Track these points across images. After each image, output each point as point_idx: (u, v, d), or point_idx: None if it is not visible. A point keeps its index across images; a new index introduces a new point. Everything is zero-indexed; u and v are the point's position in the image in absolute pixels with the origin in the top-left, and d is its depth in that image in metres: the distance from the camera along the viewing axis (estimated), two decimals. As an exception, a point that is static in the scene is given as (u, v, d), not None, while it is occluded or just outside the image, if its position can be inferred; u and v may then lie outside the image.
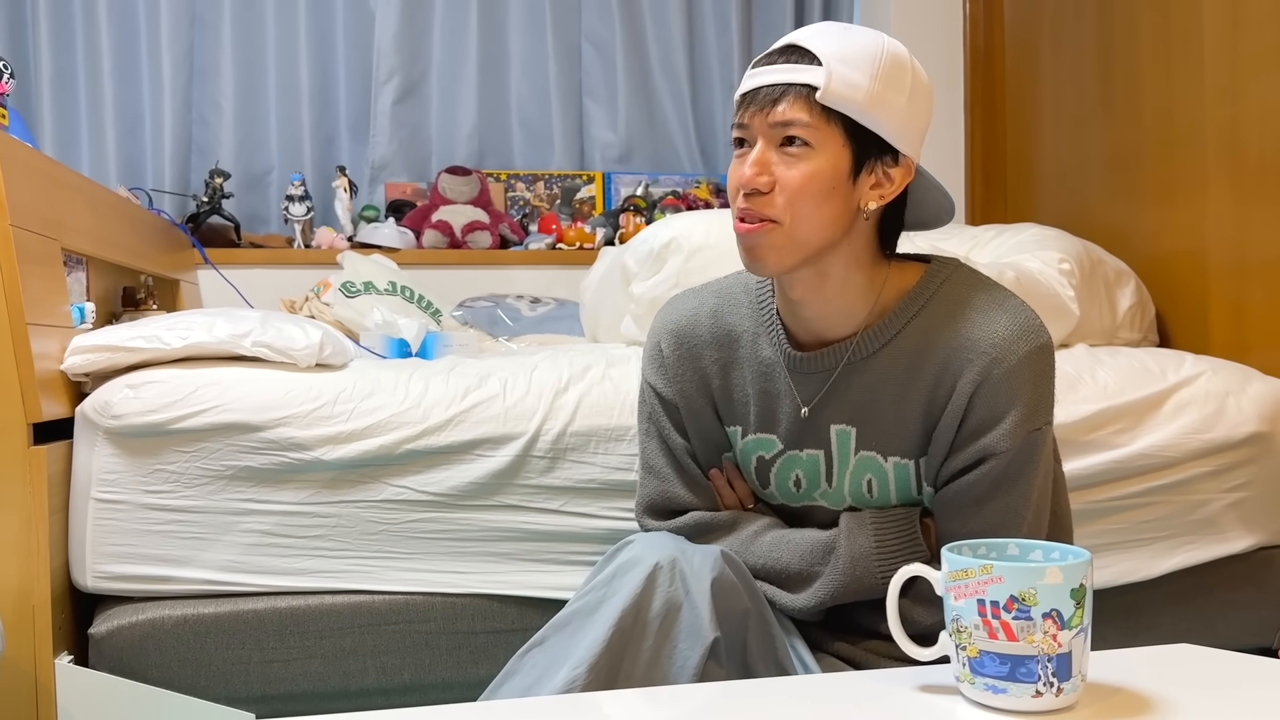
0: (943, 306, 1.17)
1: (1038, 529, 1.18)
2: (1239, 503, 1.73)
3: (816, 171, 1.11)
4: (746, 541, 1.24)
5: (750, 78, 1.15)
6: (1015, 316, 1.14)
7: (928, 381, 1.16)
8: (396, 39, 3.10)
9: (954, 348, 1.14)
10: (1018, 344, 1.12)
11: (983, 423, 1.13)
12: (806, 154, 1.11)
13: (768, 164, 1.12)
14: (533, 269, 2.99)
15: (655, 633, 1.09)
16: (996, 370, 1.12)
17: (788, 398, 1.22)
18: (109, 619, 1.51)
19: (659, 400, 1.29)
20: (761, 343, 1.24)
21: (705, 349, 1.27)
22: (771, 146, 1.12)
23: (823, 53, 1.11)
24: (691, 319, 1.28)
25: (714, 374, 1.27)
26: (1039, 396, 1.14)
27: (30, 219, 1.53)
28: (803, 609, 1.21)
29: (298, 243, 2.93)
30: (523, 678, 1.12)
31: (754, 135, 1.13)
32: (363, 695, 1.56)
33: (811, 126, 1.10)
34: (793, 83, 1.11)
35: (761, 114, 1.12)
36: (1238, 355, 1.94)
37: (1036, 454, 1.15)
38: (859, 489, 1.22)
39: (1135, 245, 2.31)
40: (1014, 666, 0.88)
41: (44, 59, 2.93)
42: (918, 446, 1.19)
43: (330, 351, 1.64)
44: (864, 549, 1.18)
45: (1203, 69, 2.14)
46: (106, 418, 1.50)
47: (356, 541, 1.55)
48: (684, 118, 3.29)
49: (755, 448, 1.26)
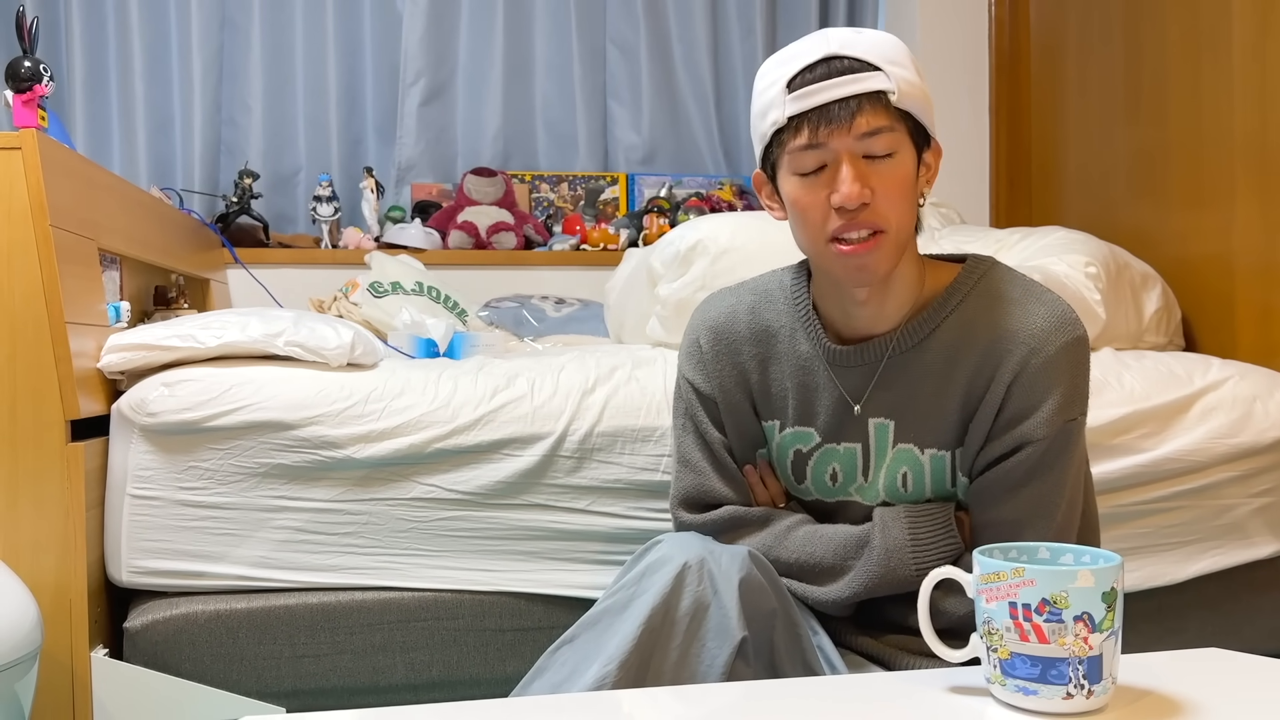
0: (980, 301, 1.19)
1: (1071, 521, 1.19)
2: (1266, 508, 1.73)
3: (906, 174, 1.14)
4: (779, 536, 1.24)
5: (805, 96, 1.11)
6: (1052, 309, 1.16)
7: (966, 372, 1.18)
8: (423, 41, 3.11)
9: (993, 339, 1.16)
10: (1055, 335, 1.15)
11: (1020, 411, 1.15)
12: (892, 160, 1.13)
13: (866, 177, 1.11)
14: (557, 270, 3.00)
15: (684, 631, 1.10)
16: (1035, 360, 1.14)
17: (828, 391, 1.24)
18: (143, 613, 1.53)
19: (697, 395, 1.30)
20: (799, 338, 1.26)
21: (743, 344, 1.28)
22: (857, 159, 1.11)
23: (873, 58, 1.11)
24: (729, 315, 1.29)
25: (752, 369, 1.28)
26: (1075, 387, 1.15)
27: (69, 220, 1.55)
28: (835, 602, 1.21)
29: (325, 243, 2.95)
30: (553, 674, 1.13)
31: (834, 154, 1.12)
32: (391, 691, 1.57)
33: (891, 131, 1.12)
34: (864, 92, 1.10)
35: (842, 129, 1.10)
36: (1265, 360, 1.93)
37: (1071, 444, 1.16)
38: (894, 483, 1.23)
39: (1161, 249, 2.30)
40: (1045, 669, 0.88)
41: (76, 60, 2.97)
42: (955, 438, 1.20)
43: (361, 351, 1.66)
44: (899, 541, 1.18)
45: (1231, 72, 2.13)
46: (142, 415, 1.52)
47: (386, 539, 1.57)
48: (708, 119, 3.29)
49: (793, 441, 1.27)
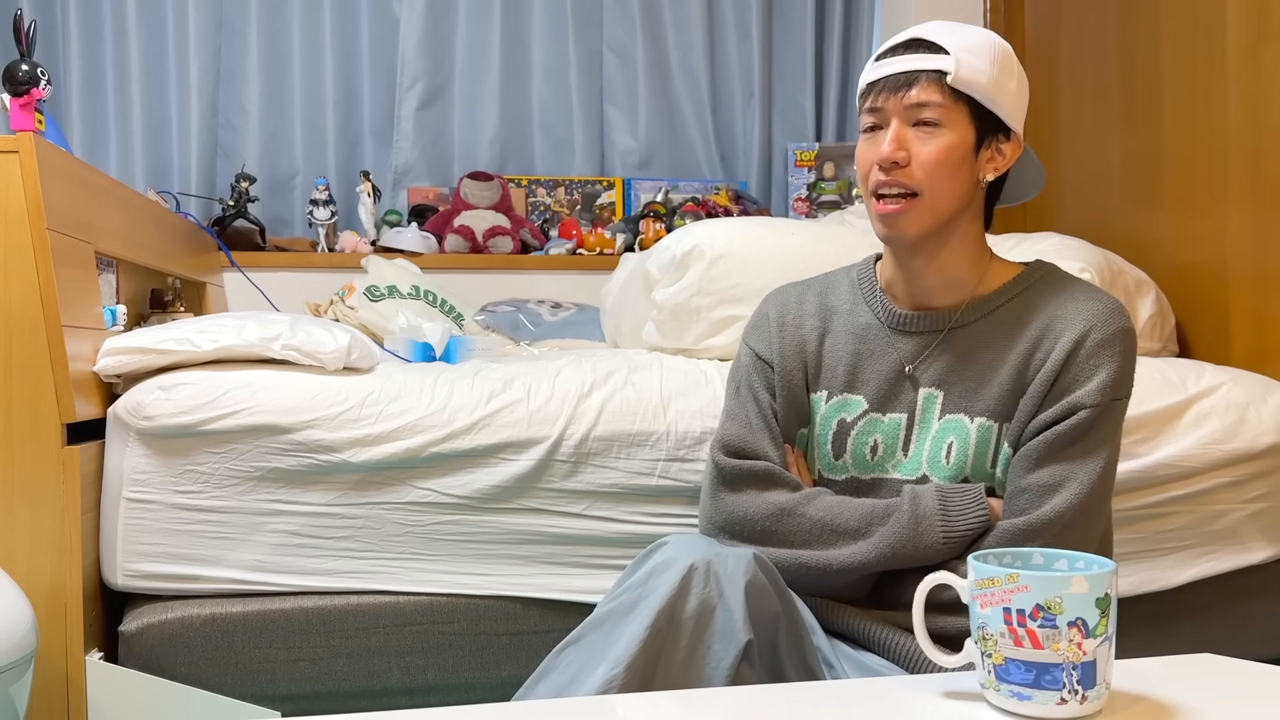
0: (1043, 289, 1.30)
1: (1103, 499, 1.25)
2: (1259, 513, 1.74)
3: (951, 146, 1.25)
4: (809, 497, 1.29)
5: (879, 67, 1.27)
6: (1111, 302, 1.28)
7: (1027, 344, 1.27)
8: (420, 46, 3.12)
9: (1055, 316, 1.27)
10: (1113, 319, 1.26)
11: (1075, 379, 1.24)
12: (938, 131, 1.25)
13: (905, 140, 1.25)
14: (553, 274, 3.00)
15: (690, 634, 1.10)
16: (1094, 335, 1.24)
17: (883, 357, 1.33)
18: (139, 617, 1.53)
19: (755, 359, 1.39)
20: (860, 311, 1.36)
21: (807, 319, 1.39)
22: (906, 125, 1.25)
23: (949, 44, 1.25)
24: (798, 297, 1.42)
25: (812, 340, 1.38)
26: (1125, 370, 1.25)
27: (65, 223, 1.56)
28: (859, 564, 1.24)
29: (322, 246, 2.95)
30: (558, 676, 1.13)
31: (887, 117, 1.26)
32: (387, 695, 1.58)
33: (943, 106, 1.24)
34: (924, 69, 1.25)
35: (896, 96, 1.25)
36: (1258, 366, 1.94)
37: (1115, 423, 1.25)
38: (938, 454, 1.29)
39: (1155, 255, 2.31)
40: (1039, 674, 0.89)
41: (73, 64, 2.97)
42: (1005, 409, 1.27)
43: (358, 355, 1.66)
44: (929, 508, 1.23)
45: (1225, 78, 2.14)
46: (138, 418, 1.52)
47: (382, 543, 1.57)
48: (704, 124, 3.30)
49: (838, 410, 1.34)
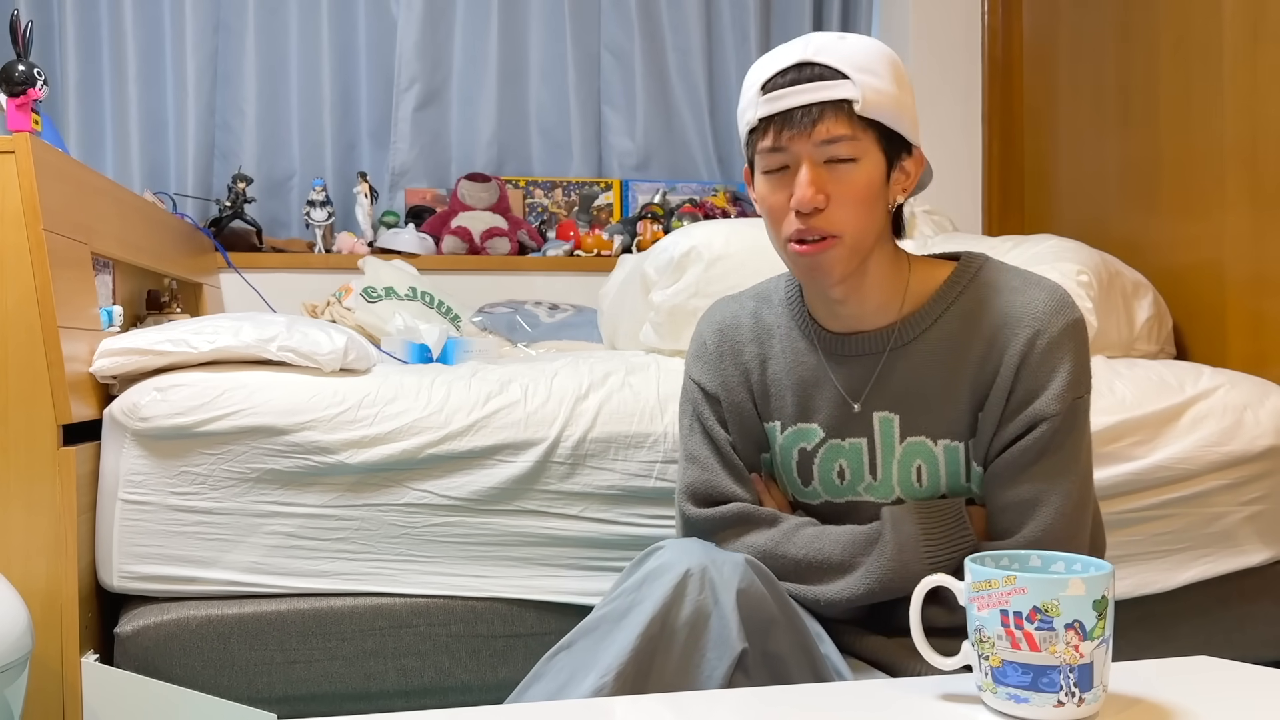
0: (979, 291, 1.22)
1: (1085, 499, 1.20)
2: (1256, 516, 1.74)
3: (868, 181, 1.16)
4: (787, 534, 1.23)
5: (773, 100, 1.15)
6: (1052, 293, 1.20)
7: (974, 360, 1.20)
8: (418, 47, 3.12)
9: (997, 325, 1.19)
10: (1057, 316, 1.18)
11: (1030, 391, 1.17)
12: (853, 168, 1.15)
13: (822, 182, 1.14)
14: (550, 275, 3.00)
15: (684, 641, 1.09)
16: (1040, 340, 1.17)
17: (828, 386, 1.25)
18: (134, 618, 1.53)
19: (703, 394, 1.32)
20: (795, 335, 1.28)
21: (746, 344, 1.31)
22: (817, 164, 1.14)
23: (844, 65, 1.13)
24: (733, 318, 1.33)
25: (754, 368, 1.30)
26: (1080, 365, 1.19)
27: (62, 223, 1.55)
28: (848, 599, 1.19)
29: (319, 247, 2.95)
30: (549, 681, 1.12)
31: (795, 157, 1.15)
32: (383, 697, 1.57)
33: (853, 139, 1.14)
34: (828, 100, 1.13)
35: (803, 135, 1.13)
36: (1256, 368, 1.94)
37: (1081, 421, 1.19)
38: (908, 477, 1.23)
39: (1153, 257, 2.31)
40: (1036, 676, 0.88)
41: (70, 64, 2.96)
42: (966, 428, 1.21)
43: (354, 356, 1.66)
44: (911, 536, 1.18)
45: (1221, 81, 2.14)
46: (134, 420, 1.52)
47: (378, 545, 1.57)
48: (702, 126, 3.30)
49: (796, 440, 1.28)
